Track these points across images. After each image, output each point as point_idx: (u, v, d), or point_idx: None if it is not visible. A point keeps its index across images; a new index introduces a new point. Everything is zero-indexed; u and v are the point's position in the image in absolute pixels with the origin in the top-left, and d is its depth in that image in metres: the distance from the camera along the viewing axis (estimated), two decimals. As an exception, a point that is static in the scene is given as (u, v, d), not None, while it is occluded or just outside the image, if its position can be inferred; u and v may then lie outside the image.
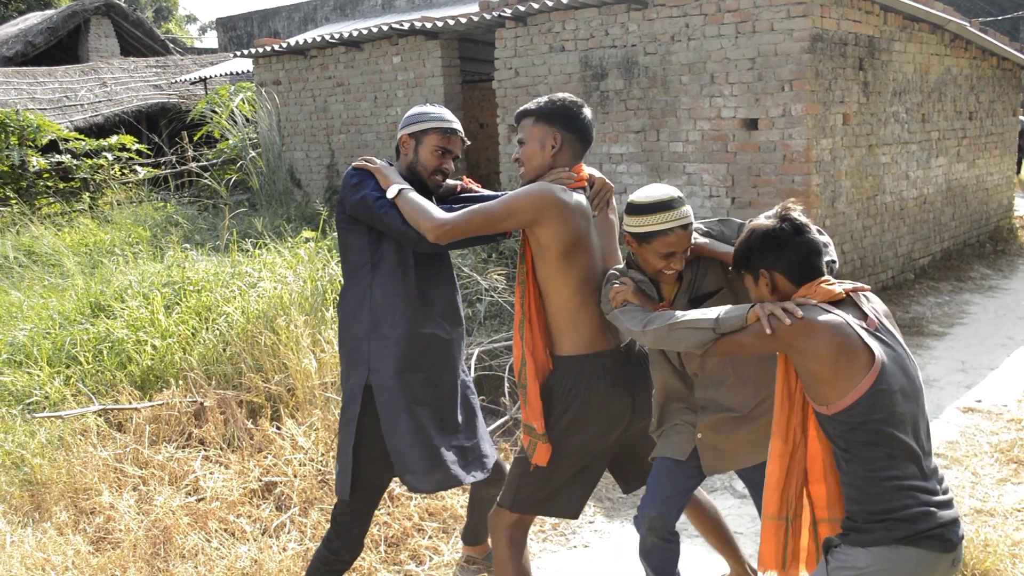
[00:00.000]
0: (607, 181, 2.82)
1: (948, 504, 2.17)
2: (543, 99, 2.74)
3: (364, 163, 2.85)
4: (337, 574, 2.98)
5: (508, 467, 3.07)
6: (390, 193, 2.71)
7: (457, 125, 2.92)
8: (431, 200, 2.82)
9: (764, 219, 2.33)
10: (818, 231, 2.36)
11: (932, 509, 2.12)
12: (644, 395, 2.79)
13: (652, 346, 2.53)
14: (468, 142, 3.01)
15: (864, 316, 2.23)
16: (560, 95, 2.75)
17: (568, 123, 2.70)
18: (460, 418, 2.99)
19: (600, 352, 2.68)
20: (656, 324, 2.43)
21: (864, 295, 2.31)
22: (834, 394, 2.17)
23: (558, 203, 2.56)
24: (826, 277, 2.28)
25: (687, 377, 2.75)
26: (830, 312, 2.20)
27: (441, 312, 2.93)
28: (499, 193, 3.05)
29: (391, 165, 2.92)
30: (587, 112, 2.74)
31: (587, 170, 2.78)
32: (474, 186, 3.13)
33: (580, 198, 2.66)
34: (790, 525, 2.43)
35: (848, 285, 2.30)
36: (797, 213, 2.31)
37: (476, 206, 2.63)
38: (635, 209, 2.54)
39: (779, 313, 2.22)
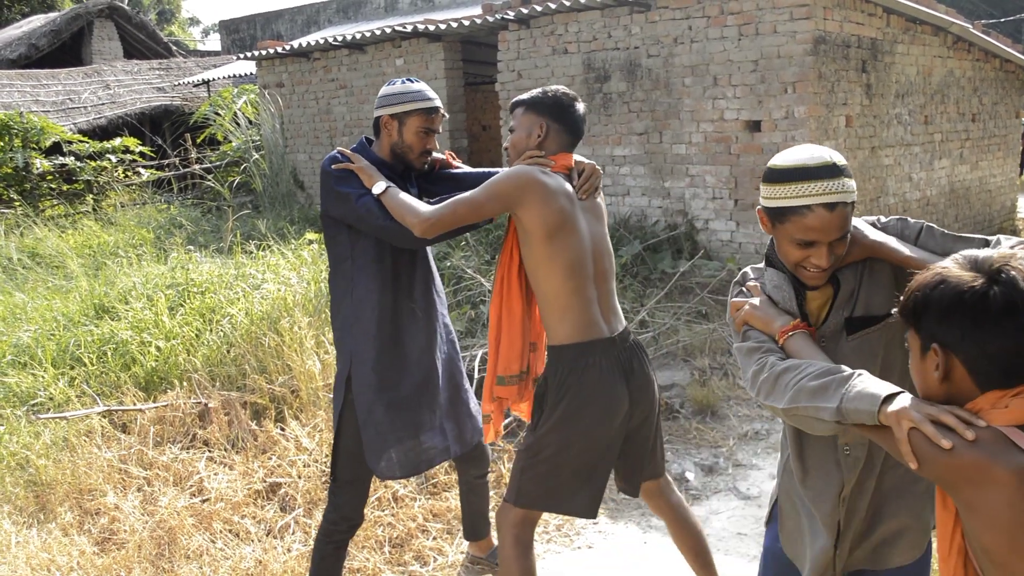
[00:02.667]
0: (596, 166, 2.80)
1: None
2: (537, 90, 2.77)
3: (346, 164, 2.81)
4: (339, 544, 2.99)
5: (493, 452, 3.09)
6: (376, 190, 2.71)
7: (439, 101, 2.90)
8: (412, 177, 2.93)
9: (959, 263, 1.41)
10: None
11: None
12: (640, 384, 2.72)
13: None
14: (447, 116, 3.00)
15: None
16: (555, 87, 2.77)
17: (557, 114, 2.70)
18: (443, 397, 3.01)
19: (593, 340, 2.63)
20: (771, 400, 1.70)
21: None
22: None
23: (538, 183, 2.56)
24: None
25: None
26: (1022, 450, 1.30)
27: (417, 296, 2.95)
28: (481, 169, 3.10)
29: (369, 144, 2.93)
30: (579, 106, 2.74)
31: (576, 158, 2.78)
32: (456, 162, 3.12)
33: (562, 181, 2.67)
34: None
35: None
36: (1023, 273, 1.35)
37: (458, 196, 2.62)
38: (767, 175, 1.81)
39: (951, 422, 1.35)
